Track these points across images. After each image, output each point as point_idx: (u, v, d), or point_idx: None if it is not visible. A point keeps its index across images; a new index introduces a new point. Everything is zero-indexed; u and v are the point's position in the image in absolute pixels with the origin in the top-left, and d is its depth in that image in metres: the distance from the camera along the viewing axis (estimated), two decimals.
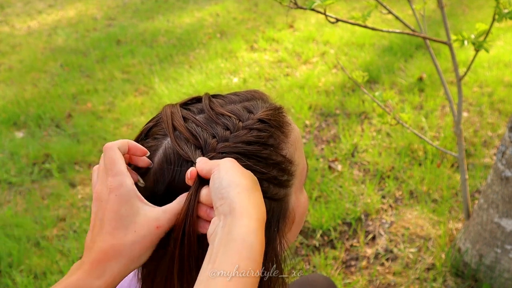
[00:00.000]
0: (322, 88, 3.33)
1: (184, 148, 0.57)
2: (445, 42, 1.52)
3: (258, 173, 0.58)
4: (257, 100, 0.64)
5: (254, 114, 0.61)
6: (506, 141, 1.58)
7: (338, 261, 1.92)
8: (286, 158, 0.62)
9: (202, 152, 0.57)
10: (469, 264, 1.75)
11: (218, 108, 0.61)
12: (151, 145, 0.59)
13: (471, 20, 4.37)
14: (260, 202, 0.52)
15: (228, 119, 0.59)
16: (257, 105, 0.63)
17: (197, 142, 0.57)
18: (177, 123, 0.59)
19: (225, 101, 0.63)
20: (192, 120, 0.59)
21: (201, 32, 4.74)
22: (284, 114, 0.65)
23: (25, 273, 1.99)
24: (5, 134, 3.12)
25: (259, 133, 0.59)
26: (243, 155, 0.57)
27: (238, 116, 0.60)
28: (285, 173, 0.61)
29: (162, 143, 0.59)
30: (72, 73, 4.02)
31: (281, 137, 0.62)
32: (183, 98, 3.31)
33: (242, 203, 0.49)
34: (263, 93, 0.67)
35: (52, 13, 5.92)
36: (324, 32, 4.34)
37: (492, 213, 1.65)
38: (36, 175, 2.65)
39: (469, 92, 3.09)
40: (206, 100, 0.62)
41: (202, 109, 0.61)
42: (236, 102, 0.63)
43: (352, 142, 2.65)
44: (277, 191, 0.61)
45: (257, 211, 0.50)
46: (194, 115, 0.60)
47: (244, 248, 0.46)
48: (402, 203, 2.19)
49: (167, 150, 0.58)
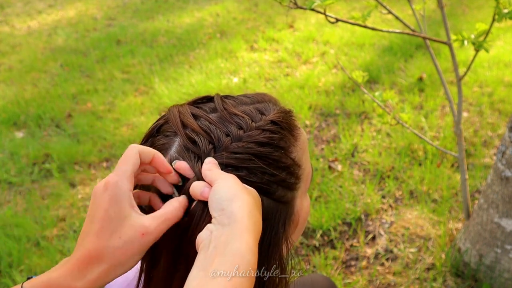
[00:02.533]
0: (322, 88, 3.33)
1: (197, 143, 0.57)
2: (445, 42, 1.52)
3: (268, 175, 0.58)
4: (267, 102, 0.65)
5: (266, 116, 0.61)
6: (506, 141, 1.58)
7: (338, 261, 1.92)
8: (294, 161, 0.62)
9: (214, 149, 0.57)
10: (469, 264, 1.75)
11: (231, 108, 0.61)
12: (162, 143, 0.59)
13: (471, 20, 4.37)
14: (259, 220, 0.51)
15: (241, 119, 0.60)
16: (268, 107, 0.63)
17: (209, 138, 0.57)
18: (188, 121, 0.59)
19: (236, 102, 0.64)
20: (205, 118, 0.59)
21: (201, 32, 4.74)
22: (294, 118, 0.65)
23: (25, 273, 1.99)
24: (5, 134, 3.12)
25: (272, 134, 0.59)
26: (256, 156, 0.57)
27: (251, 116, 0.60)
28: (293, 176, 0.62)
29: (174, 141, 0.59)
30: (72, 73, 4.02)
31: (291, 140, 0.62)
32: (183, 98, 3.29)
33: (244, 219, 0.49)
34: (272, 96, 0.67)
35: (52, 13, 5.92)
36: (324, 32, 4.34)
37: (492, 213, 1.65)
38: (36, 175, 2.65)
39: (469, 92, 3.09)
40: (218, 100, 0.62)
41: (214, 108, 0.61)
42: (248, 103, 0.64)
43: (352, 142, 2.65)
44: (285, 193, 0.61)
45: (257, 229, 0.50)
46: (206, 113, 0.60)
47: (242, 264, 0.46)
48: (402, 203, 2.19)
49: (179, 147, 0.58)
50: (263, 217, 0.57)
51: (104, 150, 2.83)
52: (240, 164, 0.57)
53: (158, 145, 0.59)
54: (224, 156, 0.56)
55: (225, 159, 0.56)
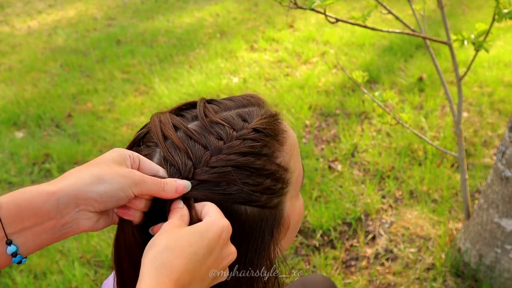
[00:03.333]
0: (322, 88, 3.33)
1: (176, 159, 0.57)
2: (445, 42, 1.52)
3: (250, 185, 0.57)
4: (253, 106, 0.63)
5: (248, 123, 0.60)
6: (506, 141, 1.58)
7: (338, 261, 1.92)
8: (280, 167, 0.61)
9: (194, 165, 0.56)
10: (469, 264, 1.75)
11: (212, 115, 0.60)
12: (145, 154, 0.59)
13: (471, 20, 4.37)
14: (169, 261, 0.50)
15: (222, 128, 0.58)
16: (252, 113, 0.62)
17: (188, 155, 0.57)
18: (168, 132, 0.58)
19: (220, 107, 0.62)
20: (184, 130, 0.58)
21: (201, 32, 4.74)
22: (280, 121, 0.64)
23: (25, 273, 1.99)
24: (5, 134, 3.12)
25: (253, 143, 0.58)
26: (236, 168, 0.57)
27: (232, 124, 0.59)
28: (279, 182, 0.61)
29: (156, 152, 0.59)
30: (72, 73, 4.02)
31: (276, 145, 0.61)
32: (183, 98, 3.28)
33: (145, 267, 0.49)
34: (260, 98, 0.66)
35: (52, 13, 5.92)
36: (324, 32, 4.34)
37: (492, 213, 1.65)
38: (36, 175, 2.65)
39: (469, 92, 3.09)
40: (201, 107, 0.61)
41: (196, 116, 0.60)
42: (232, 108, 0.62)
43: (352, 142, 2.65)
44: (270, 200, 0.60)
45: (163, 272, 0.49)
46: (186, 123, 0.60)
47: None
48: (402, 203, 2.19)
49: (161, 159, 0.58)
50: (248, 225, 0.57)
51: (104, 150, 2.83)
52: (220, 179, 0.56)
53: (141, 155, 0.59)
54: (203, 172, 0.56)
55: (204, 175, 0.56)
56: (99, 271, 1.96)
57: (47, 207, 0.49)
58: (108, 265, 1.98)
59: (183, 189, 0.54)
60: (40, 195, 0.49)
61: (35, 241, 0.51)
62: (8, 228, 0.48)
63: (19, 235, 0.49)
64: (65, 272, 1.93)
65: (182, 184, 0.54)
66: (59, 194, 0.50)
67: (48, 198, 0.49)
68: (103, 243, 2.06)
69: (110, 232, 2.10)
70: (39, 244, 0.51)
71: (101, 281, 1.90)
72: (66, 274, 1.93)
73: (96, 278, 1.93)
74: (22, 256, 0.50)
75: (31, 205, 0.49)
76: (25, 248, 0.50)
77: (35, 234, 0.50)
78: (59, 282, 1.91)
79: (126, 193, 0.52)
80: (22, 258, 0.50)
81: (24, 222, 0.49)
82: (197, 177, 0.56)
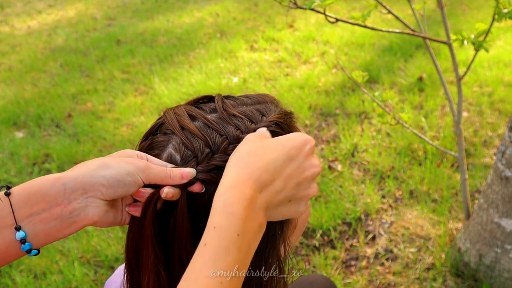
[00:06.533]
0: (322, 88, 3.32)
1: (194, 144, 0.57)
2: (445, 42, 1.52)
3: None
4: (268, 103, 0.65)
5: (266, 117, 0.61)
6: (506, 141, 1.58)
7: (338, 261, 1.92)
8: None
9: (211, 151, 0.57)
10: (469, 264, 1.75)
11: (230, 109, 0.61)
12: (160, 140, 0.59)
13: (471, 20, 4.37)
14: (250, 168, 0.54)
15: (240, 120, 0.59)
16: (269, 109, 0.63)
17: (206, 141, 0.57)
18: (184, 122, 0.59)
19: (237, 103, 0.63)
20: (202, 119, 0.59)
21: (201, 32, 4.74)
22: (295, 120, 0.65)
23: (25, 273, 1.99)
24: (5, 134, 3.12)
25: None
26: None
27: (251, 118, 0.60)
28: None
29: (172, 139, 0.59)
30: (72, 73, 4.02)
31: None
32: (183, 98, 3.28)
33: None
34: (274, 98, 0.67)
35: (52, 13, 5.92)
36: (324, 32, 4.34)
37: (492, 213, 1.65)
38: (36, 175, 2.65)
39: (469, 92, 3.09)
40: (219, 101, 0.62)
41: (214, 109, 0.61)
42: (248, 104, 0.64)
43: (352, 142, 2.65)
44: None
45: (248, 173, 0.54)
46: (205, 114, 0.60)
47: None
48: (402, 203, 2.19)
49: (176, 145, 0.58)
50: None
51: (104, 150, 2.83)
52: None
53: (157, 142, 0.60)
54: (221, 158, 0.56)
55: (221, 161, 0.56)
56: (99, 271, 1.96)
57: (54, 192, 0.51)
58: (108, 265, 1.98)
59: (188, 175, 0.55)
60: (48, 181, 0.52)
61: (44, 229, 0.51)
62: (17, 213, 0.50)
63: (28, 221, 0.51)
64: (65, 272, 1.93)
65: (188, 171, 0.55)
66: (65, 179, 0.52)
67: (54, 183, 0.51)
68: (103, 243, 2.06)
69: (110, 232, 2.10)
70: (48, 233, 0.52)
71: (101, 281, 1.90)
72: (66, 274, 1.93)
73: (96, 278, 1.93)
74: (31, 245, 0.51)
75: (40, 191, 0.51)
76: (34, 236, 0.51)
77: (43, 221, 0.51)
78: (59, 282, 1.91)
79: (133, 178, 0.53)
80: (32, 248, 0.51)
81: (33, 207, 0.50)
82: (213, 161, 0.56)
